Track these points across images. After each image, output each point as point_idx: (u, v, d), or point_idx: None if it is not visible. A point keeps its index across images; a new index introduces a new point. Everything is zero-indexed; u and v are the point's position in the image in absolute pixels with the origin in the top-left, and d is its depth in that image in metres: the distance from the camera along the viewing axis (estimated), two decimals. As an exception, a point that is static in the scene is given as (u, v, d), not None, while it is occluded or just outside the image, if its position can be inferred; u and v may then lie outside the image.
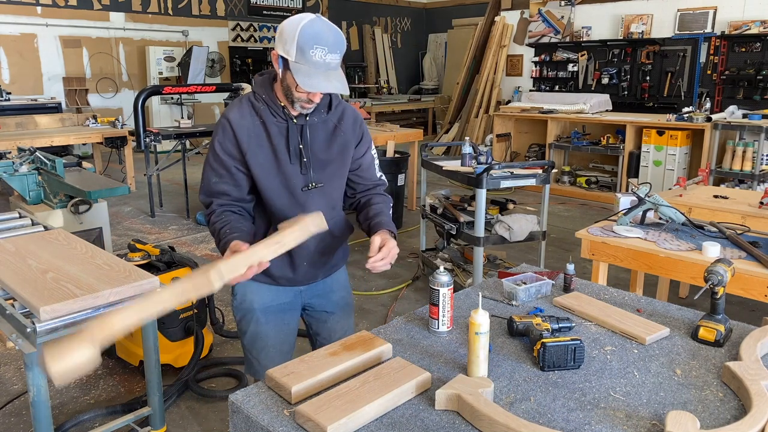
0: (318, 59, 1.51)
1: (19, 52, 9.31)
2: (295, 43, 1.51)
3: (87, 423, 2.61)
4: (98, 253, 2.32)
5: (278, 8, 12.49)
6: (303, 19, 1.53)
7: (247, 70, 11.93)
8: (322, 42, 1.51)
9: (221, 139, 1.69)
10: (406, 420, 1.25)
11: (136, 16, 10.46)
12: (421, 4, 15.16)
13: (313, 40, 1.51)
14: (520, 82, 9.59)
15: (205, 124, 8.60)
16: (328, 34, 1.53)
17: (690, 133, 6.58)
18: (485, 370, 1.38)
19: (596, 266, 2.80)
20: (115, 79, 10.42)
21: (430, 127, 12.29)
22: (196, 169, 8.79)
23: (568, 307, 1.81)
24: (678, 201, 3.41)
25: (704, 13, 7.61)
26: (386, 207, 1.87)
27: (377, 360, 1.46)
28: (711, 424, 1.23)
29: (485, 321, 1.36)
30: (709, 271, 1.63)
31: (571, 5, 8.75)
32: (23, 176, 4.08)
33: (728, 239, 2.55)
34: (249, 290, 1.87)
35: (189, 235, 5.62)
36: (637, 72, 8.41)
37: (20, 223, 2.91)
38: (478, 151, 4.07)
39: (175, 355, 2.98)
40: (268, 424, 1.24)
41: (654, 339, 1.61)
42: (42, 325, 1.82)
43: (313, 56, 1.51)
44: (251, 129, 1.67)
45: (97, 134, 6.89)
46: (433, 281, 1.63)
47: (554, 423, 1.24)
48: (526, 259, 4.09)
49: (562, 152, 7.95)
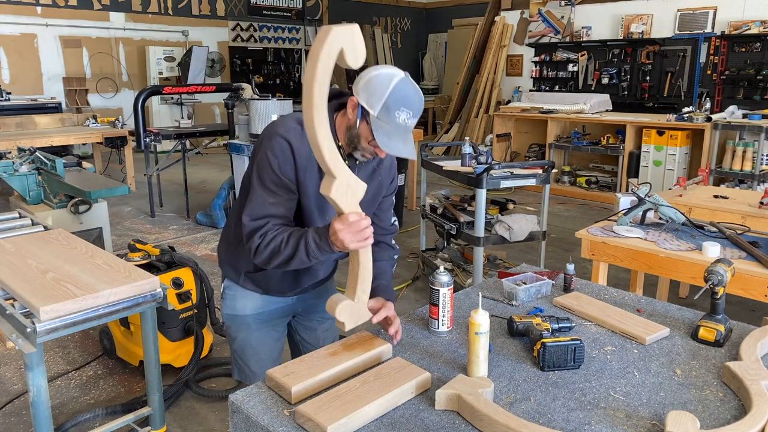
0: (401, 122, 1.47)
1: (19, 52, 9.31)
2: (383, 100, 1.45)
3: (87, 423, 2.61)
4: (98, 253, 2.32)
5: (278, 8, 12.50)
6: (394, 76, 1.47)
7: (247, 70, 11.94)
8: (409, 105, 1.48)
9: (281, 162, 1.56)
10: (406, 420, 1.25)
11: (136, 16, 10.46)
12: (421, 4, 15.17)
13: (402, 102, 1.46)
14: (520, 82, 9.59)
15: (206, 124, 8.63)
16: (415, 97, 1.49)
17: (690, 133, 6.58)
18: (485, 370, 1.38)
19: (596, 266, 2.80)
20: (115, 79, 10.42)
21: (430, 127, 12.29)
22: (196, 169, 8.84)
23: (568, 307, 1.81)
24: (678, 201, 3.41)
25: (704, 13, 7.61)
26: (389, 266, 1.84)
27: (377, 360, 1.46)
28: (711, 424, 1.23)
29: (485, 321, 1.35)
30: (709, 271, 1.63)
31: (571, 5, 8.75)
32: (23, 176, 4.08)
33: (728, 239, 2.55)
34: (239, 295, 1.84)
35: (189, 235, 5.62)
36: (637, 72, 8.41)
37: (20, 223, 2.91)
38: (478, 151, 4.07)
39: (175, 355, 2.98)
40: (268, 424, 1.24)
41: (654, 339, 1.61)
42: (42, 325, 1.81)
43: (398, 118, 1.46)
44: (309, 157, 1.55)
45: (97, 134, 6.89)
46: (433, 281, 1.63)
47: (554, 423, 1.24)
48: (526, 259, 4.09)
49: (562, 152, 7.95)
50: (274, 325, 1.89)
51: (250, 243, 1.58)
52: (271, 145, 1.57)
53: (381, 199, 1.80)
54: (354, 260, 1.47)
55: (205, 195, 7.11)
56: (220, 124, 8.80)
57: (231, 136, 5.97)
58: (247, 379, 1.88)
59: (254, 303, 1.84)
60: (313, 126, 1.26)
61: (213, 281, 4.19)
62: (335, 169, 1.32)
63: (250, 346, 1.87)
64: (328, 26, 1.20)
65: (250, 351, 1.87)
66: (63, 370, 3.13)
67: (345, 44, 1.22)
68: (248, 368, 1.89)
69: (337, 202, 1.36)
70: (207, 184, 7.88)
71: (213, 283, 3.30)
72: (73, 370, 3.13)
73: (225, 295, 1.88)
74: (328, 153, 1.30)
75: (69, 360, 3.24)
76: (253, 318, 1.85)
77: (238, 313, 1.85)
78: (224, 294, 1.88)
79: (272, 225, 1.58)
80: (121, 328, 3.06)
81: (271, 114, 5.10)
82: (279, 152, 1.56)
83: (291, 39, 12.86)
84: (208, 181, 8.15)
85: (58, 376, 3.05)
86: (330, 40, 1.20)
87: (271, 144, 1.57)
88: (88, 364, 3.18)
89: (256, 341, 1.87)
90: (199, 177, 8.33)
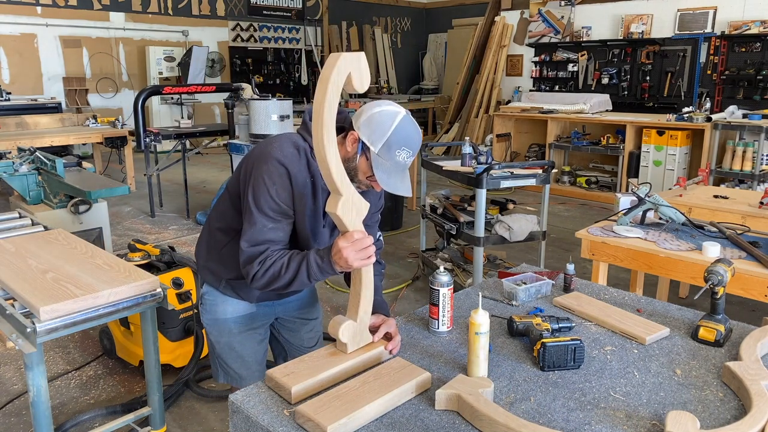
0: (401, 160, 1.48)
1: (19, 52, 9.31)
2: (385, 138, 1.47)
3: (87, 423, 2.61)
4: (98, 253, 2.32)
5: (278, 8, 12.49)
6: (396, 115, 1.48)
7: (247, 70, 11.93)
8: (410, 145, 1.49)
9: (279, 189, 1.55)
10: (406, 420, 1.25)
11: (136, 16, 10.46)
12: (421, 4, 15.16)
13: (403, 141, 1.48)
14: (520, 82, 9.59)
15: (206, 124, 8.63)
16: (416, 137, 1.51)
17: (690, 133, 6.58)
18: (485, 370, 1.38)
19: (596, 266, 2.80)
20: (115, 79, 10.42)
21: (430, 127, 12.28)
22: (196, 169, 8.84)
23: (568, 307, 1.81)
24: (678, 201, 3.41)
25: (704, 13, 7.61)
26: (380, 281, 1.82)
27: (377, 360, 1.46)
28: (711, 424, 1.23)
29: (485, 321, 1.36)
30: (709, 271, 1.63)
31: (571, 5, 8.75)
32: (23, 176, 4.08)
33: (728, 239, 2.55)
34: (220, 301, 1.82)
35: (189, 235, 5.62)
36: (637, 72, 8.41)
37: (20, 223, 2.91)
38: (478, 151, 4.07)
39: (175, 355, 2.98)
40: (268, 424, 1.24)
41: (654, 339, 1.61)
42: (42, 325, 1.81)
43: (398, 156, 1.48)
44: (305, 184, 1.59)
45: (97, 134, 6.89)
46: (433, 281, 1.63)
47: (554, 423, 1.24)
48: (526, 259, 4.09)
49: (562, 152, 7.95)
50: (256, 328, 1.87)
51: (247, 268, 1.56)
52: (269, 170, 1.55)
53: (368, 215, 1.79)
54: (356, 280, 1.48)
55: (205, 195, 7.11)
56: (220, 124, 8.80)
57: (231, 136, 5.98)
58: (233, 382, 1.87)
59: (235, 307, 1.82)
60: (323, 145, 1.31)
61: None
62: (342, 186, 1.36)
63: (233, 350, 1.85)
64: (337, 53, 1.29)
65: (234, 355, 1.85)
66: (63, 370, 3.13)
67: (353, 69, 1.30)
68: (233, 371, 1.87)
69: (343, 220, 1.39)
70: (207, 184, 7.88)
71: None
72: (73, 370, 3.13)
73: (204, 301, 1.85)
74: (335, 171, 1.34)
75: (69, 360, 3.24)
76: (235, 322, 1.82)
77: (219, 317, 1.82)
78: (203, 299, 1.85)
79: (271, 251, 1.57)
80: (121, 328, 3.06)
81: (271, 114, 5.10)
82: (277, 178, 1.54)
83: (291, 39, 12.86)
84: (208, 181, 8.15)
85: (58, 376, 3.05)
86: (340, 64, 1.28)
87: (268, 168, 1.55)
88: (88, 364, 3.18)
89: (239, 345, 1.84)
90: (199, 177, 8.33)
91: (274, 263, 1.54)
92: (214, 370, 1.93)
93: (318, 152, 1.33)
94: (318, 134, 1.31)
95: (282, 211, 1.57)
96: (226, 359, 1.87)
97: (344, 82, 1.31)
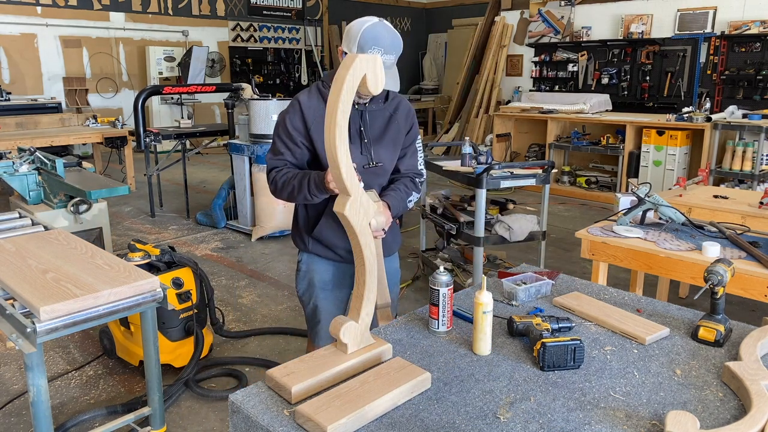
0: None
1: (19, 52, 9.31)
2: (356, 42, 1.76)
3: (87, 423, 2.61)
4: (98, 253, 2.32)
5: (278, 8, 12.49)
6: (366, 21, 1.78)
7: (247, 70, 11.93)
8: (379, 44, 1.77)
9: (291, 116, 1.91)
10: (406, 420, 1.25)
11: (136, 16, 10.46)
12: (421, 4, 15.16)
13: (372, 41, 1.76)
14: (520, 82, 9.59)
15: (206, 124, 8.63)
16: (386, 36, 1.78)
17: (690, 133, 6.58)
18: (489, 346, 1.52)
19: (596, 266, 2.80)
20: (115, 79, 10.42)
21: (430, 127, 12.28)
22: (196, 169, 8.84)
23: (568, 307, 1.81)
24: (678, 201, 3.41)
25: (704, 13, 7.61)
26: (403, 186, 2.03)
27: (377, 360, 1.46)
28: (711, 424, 1.23)
29: (490, 300, 1.49)
30: (709, 271, 1.63)
31: (571, 5, 8.75)
32: (23, 176, 4.08)
33: (728, 239, 2.55)
34: (313, 263, 2.07)
35: (189, 235, 5.62)
36: (637, 72, 8.41)
37: (20, 223, 2.91)
38: (478, 151, 4.07)
39: (175, 355, 2.98)
40: (268, 424, 1.24)
41: (654, 339, 1.61)
42: (42, 325, 1.82)
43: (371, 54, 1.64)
44: (317, 109, 1.89)
45: (97, 134, 6.89)
46: (433, 281, 1.63)
47: (554, 423, 1.24)
48: (526, 259, 4.10)
49: (562, 152, 7.95)
50: (339, 295, 2.12)
51: (269, 175, 1.94)
52: (287, 108, 1.95)
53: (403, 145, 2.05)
54: (358, 281, 1.48)
55: (205, 195, 7.11)
56: (220, 124, 8.80)
57: (231, 136, 5.98)
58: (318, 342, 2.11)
59: (323, 273, 2.08)
60: (335, 145, 1.32)
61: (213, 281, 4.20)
62: (350, 186, 1.39)
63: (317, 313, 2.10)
64: (353, 54, 1.32)
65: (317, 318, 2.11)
66: (63, 370, 3.13)
67: (368, 71, 1.33)
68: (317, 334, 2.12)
69: (350, 220, 1.41)
70: (207, 184, 7.88)
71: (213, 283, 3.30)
72: (73, 370, 3.13)
73: (299, 268, 2.12)
74: (345, 171, 1.36)
75: (69, 360, 3.24)
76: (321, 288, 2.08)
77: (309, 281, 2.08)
78: (298, 267, 2.13)
79: (282, 164, 1.93)
80: (121, 328, 3.06)
81: (271, 114, 5.10)
82: (291, 109, 1.93)
83: (291, 39, 12.86)
84: (208, 181, 8.15)
85: (58, 376, 3.05)
86: (355, 65, 1.30)
87: (288, 107, 1.95)
88: (88, 364, 3.18)
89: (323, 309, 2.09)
90: (199, 177, 8.33)
91: (287, 173, 1.90)
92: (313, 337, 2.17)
93: (329, 152, 1.35)
94: (330, 134, 1.32)
95: (290, 135, 1.91)
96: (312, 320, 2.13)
97: (359, 84, 1.32)
